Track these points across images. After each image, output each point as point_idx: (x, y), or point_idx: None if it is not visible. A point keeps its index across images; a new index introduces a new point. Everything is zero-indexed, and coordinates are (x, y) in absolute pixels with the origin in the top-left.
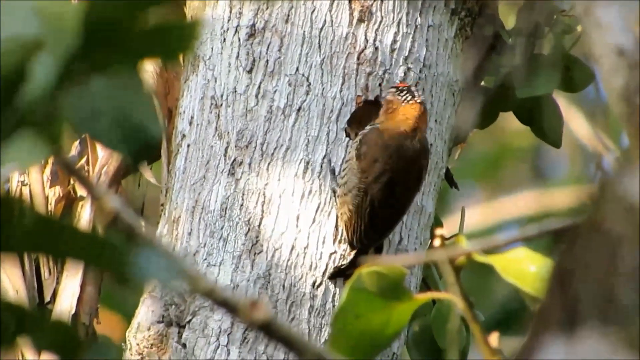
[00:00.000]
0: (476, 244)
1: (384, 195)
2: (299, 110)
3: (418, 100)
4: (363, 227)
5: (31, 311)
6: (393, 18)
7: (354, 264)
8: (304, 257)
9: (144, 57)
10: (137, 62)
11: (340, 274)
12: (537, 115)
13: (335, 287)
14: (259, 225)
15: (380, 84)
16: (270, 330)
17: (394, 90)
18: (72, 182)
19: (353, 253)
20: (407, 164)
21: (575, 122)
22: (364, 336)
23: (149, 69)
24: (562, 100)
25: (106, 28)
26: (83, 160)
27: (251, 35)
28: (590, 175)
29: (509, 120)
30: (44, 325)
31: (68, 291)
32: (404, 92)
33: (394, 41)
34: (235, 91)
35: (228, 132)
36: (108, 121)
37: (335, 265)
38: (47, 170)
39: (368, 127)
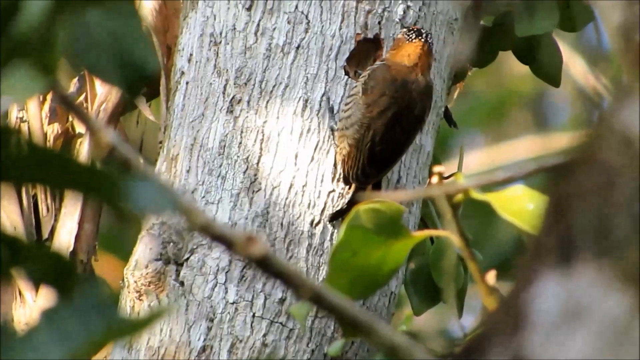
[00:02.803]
0: (474, 181)
1: (386, 131)
2: (298, 48)
3: (423, 40)
4: (361, 163)
5: (27, 243)
6: None
7: (353, 204)
8: (303, 196)
9: None
10: None
11: (340, 215)
12: (537, 54)
13: (333, 225)
14: (258, 163)
15: (379, 22)
16: (267, 265)
17: (405, 30)
18: (70, 119)
19: (351, 192)
20: (412, 101)
21: (576, 67)
22: (361, 273)
23: (148, 5)
24: (563, 45)
25: None
26: (82, 97)
27: None
28: (590, 117)
29: (510, 66)
30: (40, 257)
31: (66, 228)
32: (412, 32)
33: None
34: (235, 28)
35: (227, 70)
36: (104, 53)
37: (335, 206)
38: (46, 107)
39: (377, 63)
